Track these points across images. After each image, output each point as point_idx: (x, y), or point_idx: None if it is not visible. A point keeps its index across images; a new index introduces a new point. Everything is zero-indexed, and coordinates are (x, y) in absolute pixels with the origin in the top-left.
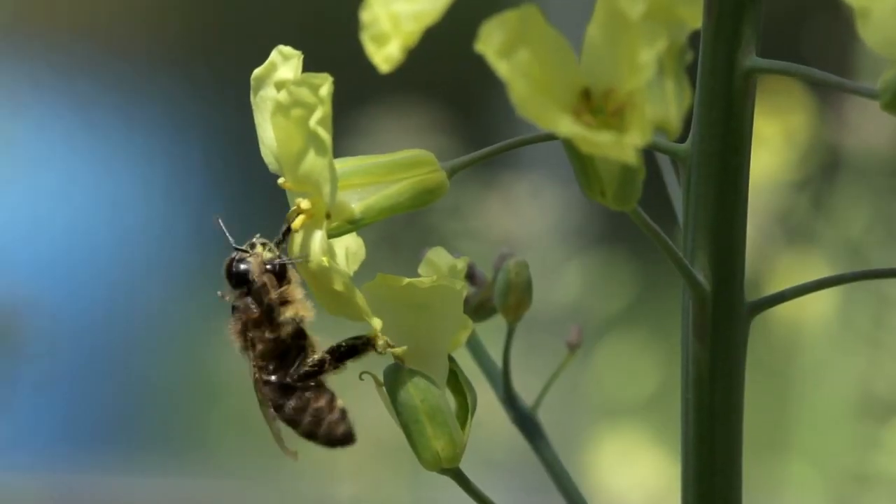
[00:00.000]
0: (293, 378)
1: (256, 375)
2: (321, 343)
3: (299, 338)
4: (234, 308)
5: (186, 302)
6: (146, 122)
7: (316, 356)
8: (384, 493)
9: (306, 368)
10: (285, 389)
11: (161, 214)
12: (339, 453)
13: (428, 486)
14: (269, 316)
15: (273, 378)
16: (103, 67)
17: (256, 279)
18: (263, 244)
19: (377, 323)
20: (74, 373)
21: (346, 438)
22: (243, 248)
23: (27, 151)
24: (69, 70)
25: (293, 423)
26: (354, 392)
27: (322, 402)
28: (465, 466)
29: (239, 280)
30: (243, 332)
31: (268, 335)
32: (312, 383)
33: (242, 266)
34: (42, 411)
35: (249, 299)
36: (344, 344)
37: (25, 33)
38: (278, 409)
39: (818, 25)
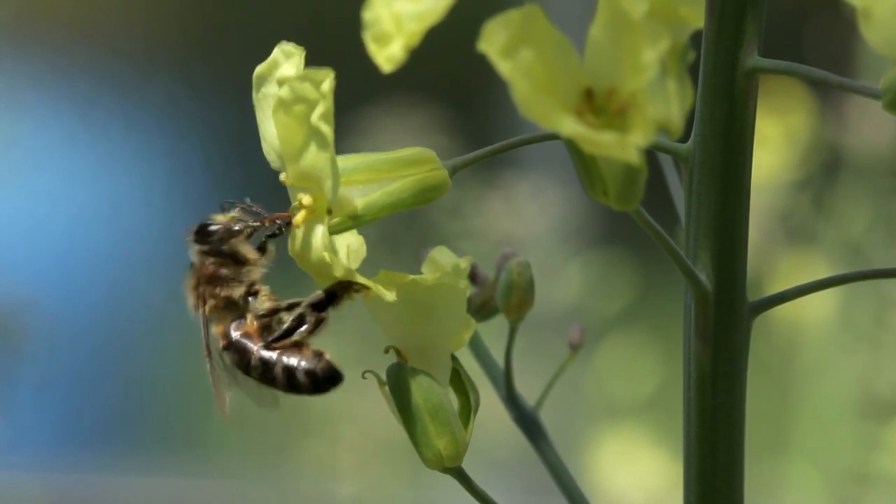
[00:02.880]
0: (264, 341)
1: (213, 334)
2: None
3: (253, 296)
4: (192, 265)
5: (186, 302)
6: (146, 122)
7: (291, 314)
8: (384, 492)
9: (282, 329)
10: (245, 350)
11: (161, 214)
12: (340, 452)
13: (428, 485)
14: (224, 272)
15: (232, 339)
16: (103, 67)
17: (217, 236)
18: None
19: (390, 296)
20: (74, 373)
21: (330, 376)
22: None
23: (27, 151)
24: (69, 70)
25: (266, 380)
26: (354, 392)
27: (292, 356)
28: (467, 466)
29: (209, 235)
30: (195, 288)
31: (220, 292)
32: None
33: (209, 222)
34: (42, 411)
35: (205, 253)
36: (316, 297)
37: (26, 33)
38: (245, 370)
39: (820, 25)
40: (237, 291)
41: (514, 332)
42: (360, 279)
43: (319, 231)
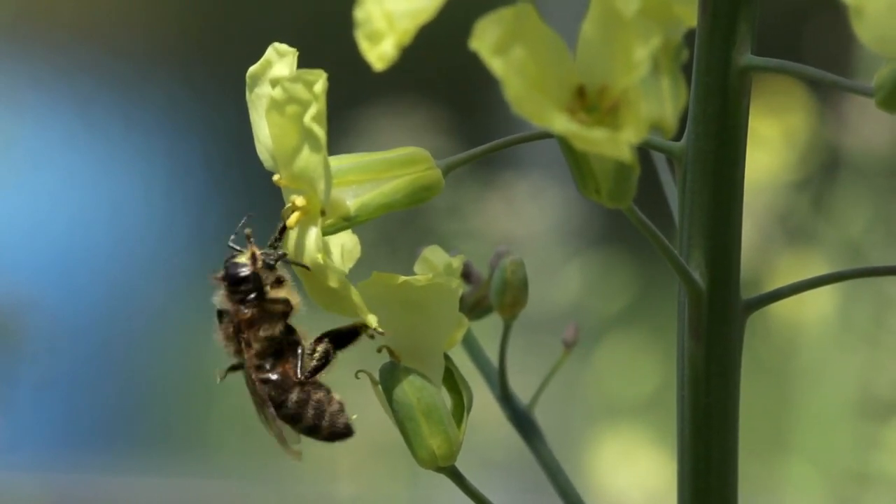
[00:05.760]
0: (302, 375)
1: (253, 376)
2: (309, 334)
3: (290, 333)
4: (220, 312)
5: (186, 302)
6: (146, 121)
7: (319, 349)
8: (383, 492)
9: (315, 363)
10: (284, 386)
11: (161, 214)
12: (339, 453)
13: (426, 485)
14: (263, 314)
15: (272, 376)
16: (103, 67)
17: (251, 280)
18: (249, 236)
19: (372, 319)
20: (74, 373)
21: (347, 430)
22: (237, 248)
23: (27, 151)
24: (69, 70)
25: (295, 418)
26: (351, 391)
27: (321, 395)
28: (463, 466)
29: (234, 281)
30: (236, 335)
31: (262, 333)
32: (314, 378)
33: (239, 269)
34: (42, 411)
35: (242, 300)
36: (338, 332)
37: (26, 33)
38: (279, 406)
39: (820, 25)
40: (276, 329)
41: (508, 331)
42: (355, 294)
43: (313, 233)
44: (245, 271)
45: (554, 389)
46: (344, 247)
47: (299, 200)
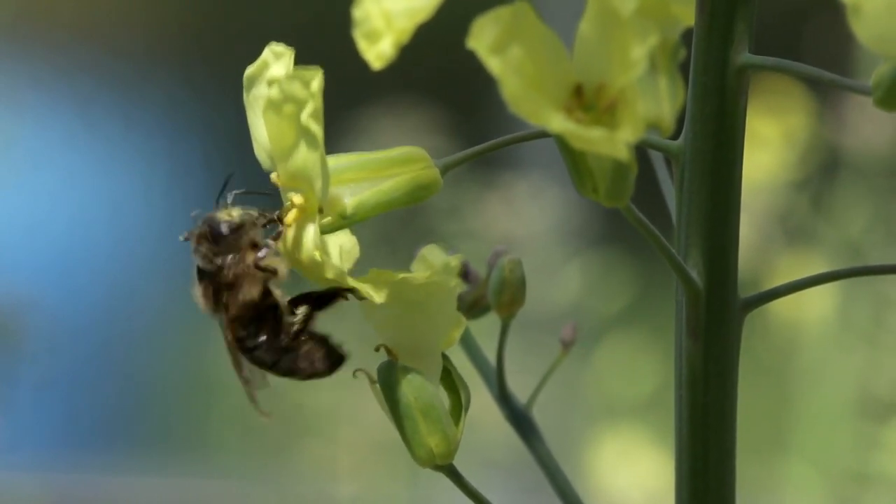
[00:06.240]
0: (286, 336)
1: (232, 340)
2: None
3: (268, 295)
4: (201, 271)
5: (186, 301)
6: (146, 122)
7: (300, 312)
8: (383, 492)
9: (297, 327)
10: (274, 349)
11: (161, 214)
12: (339, 453)
13: (426, 485)
14: (243, 277)
15: (257, 340)
16: (103, 67)
17: (232, 239)
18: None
19: (380, 296)
20: (74, 373)
21: (341, 359)
22: (223, 208)
23: (27, 151)
24: (69, 70)
25: (293, 371)
26: (352, 392)
27: (308, 345)
28: (462, 466)
29: (214, 237)
30: (215, 297)
31: (241, 298)
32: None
33: (227, 226)
34: (42, 411)
35: (223, 261)
36: (318, 293)
37: (26, 33)
38: (273, 366)
39: (820, 26)
40: (256, 293)
41: (506, 330)
42: (351, 281)
43: (311, 230)
44: (226, 228)
45: (553, 389)
46: (342, 247)
47: (297, 199)
